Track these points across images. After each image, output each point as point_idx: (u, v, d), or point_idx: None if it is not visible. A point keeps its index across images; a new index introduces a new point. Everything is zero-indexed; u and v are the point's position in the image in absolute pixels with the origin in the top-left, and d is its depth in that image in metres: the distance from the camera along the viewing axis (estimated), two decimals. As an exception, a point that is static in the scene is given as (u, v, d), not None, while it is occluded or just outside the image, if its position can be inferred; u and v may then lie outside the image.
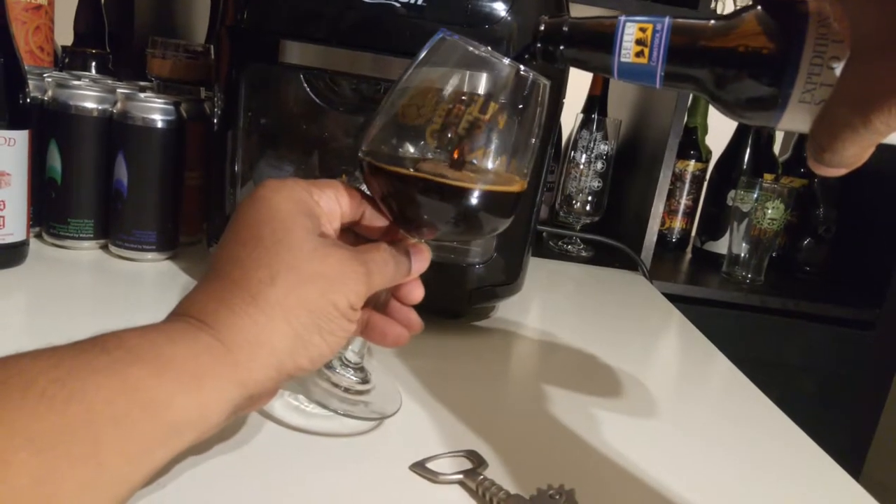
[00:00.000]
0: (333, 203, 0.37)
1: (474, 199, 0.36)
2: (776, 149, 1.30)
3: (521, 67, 0.35)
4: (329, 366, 0.42)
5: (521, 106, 0.36)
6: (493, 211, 0.38)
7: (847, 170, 0.28)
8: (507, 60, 0.35)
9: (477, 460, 0.39)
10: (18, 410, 0.24)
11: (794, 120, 0.31)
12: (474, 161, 0.35)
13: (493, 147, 0.36)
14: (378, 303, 0.39)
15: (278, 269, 0.32)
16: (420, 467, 0.38)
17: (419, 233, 0.38)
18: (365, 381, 0.42)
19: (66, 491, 0.24)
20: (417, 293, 0.40)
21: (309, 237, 0.33)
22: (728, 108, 0.33)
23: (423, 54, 0.36)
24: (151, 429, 0.27)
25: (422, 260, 0.38)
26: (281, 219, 0.33)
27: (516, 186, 0.38)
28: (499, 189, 0.37)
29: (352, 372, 0.42)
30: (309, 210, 0.34)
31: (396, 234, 0.39)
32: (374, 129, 0.37)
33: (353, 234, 0.40)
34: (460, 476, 0.38)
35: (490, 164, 0.36)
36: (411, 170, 0.35)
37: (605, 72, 0.35)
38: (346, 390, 0.41)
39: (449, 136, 0.35)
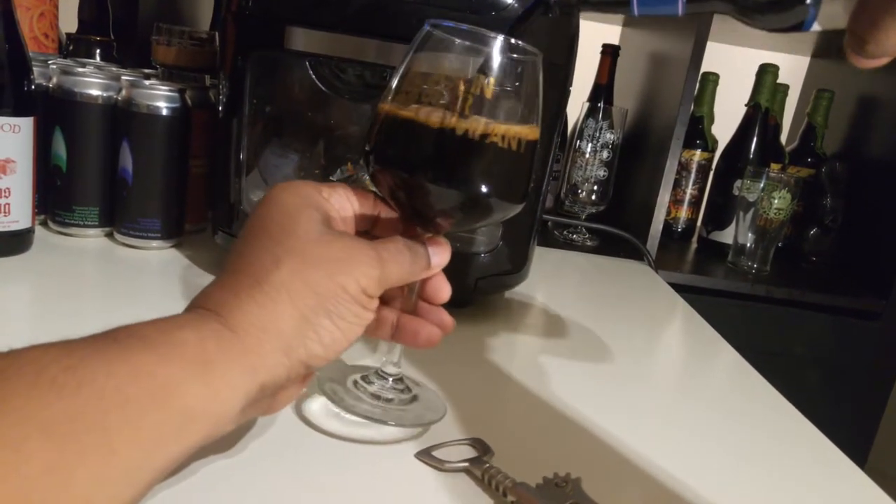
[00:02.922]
0: (345, 201, 0.37)
1: (485, 157, 0.35)
2: (783, 138, 1.29)
3: (511, 39, 0.35)
4: (367, 380, 0.42)
5: (517, 76, 0.36)
6: (505, 176, 0.36)
7: (890, 58, 0.27)
8: (496, 35, 0.35)
9: (483, 448, 0.39)
10: (29, 398, 0.23)
11: (829, 16, 0.30)
12: (480, 133, 0.35)
13: (495, 115, 0.35)
14: (407, 305, 0.39)
15: (283, 255, 0.32)
16: (426, 455, 0.38)
17: (433, 224, 0.37)
18: (405, 391, 0.42)
19: (78, 479, 0.23)
20: (445, 291, 0.39)
21: (315, 226, 0.33)
22: (758, 19, 0.32)
23: (412, 49, 0.36)
24: (162, 416, 0.26)
25: (441, 252, 0.37)
26: (287, 211, 0.33)
27: (528, 131, 0.37)
28: (512, 130, 0.35)
29: (391, 383, 0.41)
30: (317, 204, 0.34)
31: (413, 232, 0.38)
32: (376, 126, 0.36)
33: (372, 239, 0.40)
34: (466, 464, 0.38)
35: (497, 130, 0.35)
36: (422, 121, 0.34)
37: (624, 9, 0.34)
38: (388, 401, 0.41)
39: (452, 116, 0.34)
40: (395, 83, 0.36)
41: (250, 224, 0.34)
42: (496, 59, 0.35)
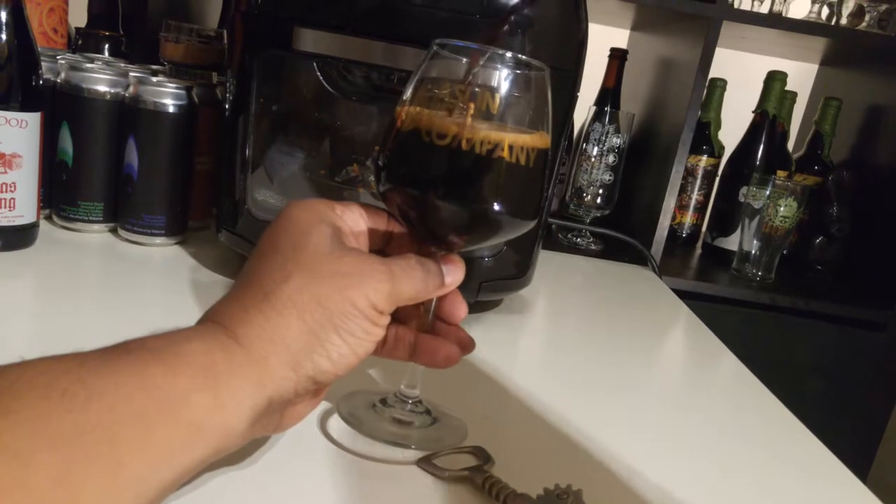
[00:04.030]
0: (358, 218, 0.37)
1: (495, 173, 0.35)
2: (790, 146, 1.29)
3: (518, 55, 0.36)
4: (386, 403, 0.41)
5: (525, 92, 0.36)
6: (516, 192, 0.36)
7: None
8: (503, 52, 0.36)
9: (483, 457, 0.39)
10: (39, 410, 0.23)
11: None
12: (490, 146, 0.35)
13: (504, 131, 0.35)
14: (424, 325, 0.39)
15: (292, 269, 0.31)
16: (426, 463, 0.38)
17: (445, 242, 0.37)
18: (425, 413, 0.42)
19: (86, 493, 0.23)
20: (462, 309, 0.39)
21: (326, 241, 0.33)
22: None
23: (420, 68, 0.36)
24: (170, 428, 0.26)
25: (455, 271, 0.37)
26: (299, 227, 0.33)
27: (538, 145, 0.36)
28: (521, 144, 0.35)
29: (410, 405, 0.41)
30: (329, 220, 0.34)
31: (427, 251, 0.38)
32: (385, 145, 0.37)
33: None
34: (467, 472, 0.37)
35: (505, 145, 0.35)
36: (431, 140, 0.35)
37: None
38: (408, 424, 0.41)
39: (461, 131, 0.34)
40: (403, 103, 0.36)
41: (263, 240, 0.34)
42: (503, 76, 0.35)
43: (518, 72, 0.36)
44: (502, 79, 0.35)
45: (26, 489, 0.22)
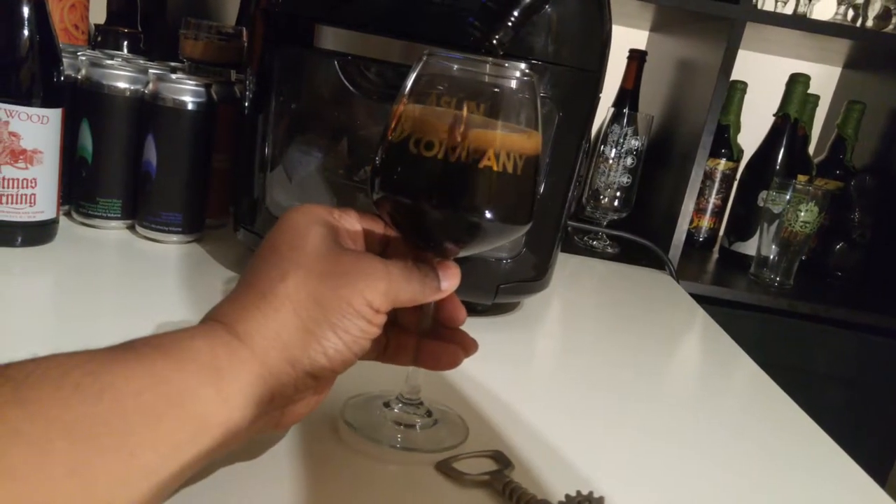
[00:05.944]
0: (356, 223, 0.38)
1: (484, 182, 0.34)
2: (811, 149, 1.27)
3: (506, 63, 0.36)
4: (389, 406, 0.42)
5: (513, 100, 0.36)
6: (507, 200, 0.36)
7: None
8: (491, 60, 0.36)
9: (503, 462, 0.39)
10: (54, 401, 0.24)
11: None
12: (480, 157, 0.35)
13: (492, 140, 0.35)
14: (423, 328, 0.39)
15: (289, 269, 0.32)
16: (445, 466, 0.38)
17: (439, 249, 0.37)
18: (427, 414, 0.42)
19: (100, 481, 0.24)
20: (461, 314, 0.39)
21: (324, 242, 0.34)
22: None
23: (410, 78, 0.36)
24: (178, 422, 0.27)
25: (451, 277, 0.37)
26: (297, 229, 0.34)
27: (527, 153, 0.36)
28: (506, 152, 0.35)
29: (413, 407, 0.41)
30: (327, 223, 0.35)
31: (424, 257, 0.38)
32: (376, 155, 0.37)
33: None
34: (486, 477, 0.37)
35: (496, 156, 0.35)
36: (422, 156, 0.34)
37: None
38: (410, 427, 0.41)
39: (453, 141, 0.34)
40: (392, 113, 0.36)
41: (263, 244, 0.35)
42: (491, 85, 0.35)
43: (507, 80, 0.36)
44: (491, 88, 0.35)
45: (43, 475, 0.23)
